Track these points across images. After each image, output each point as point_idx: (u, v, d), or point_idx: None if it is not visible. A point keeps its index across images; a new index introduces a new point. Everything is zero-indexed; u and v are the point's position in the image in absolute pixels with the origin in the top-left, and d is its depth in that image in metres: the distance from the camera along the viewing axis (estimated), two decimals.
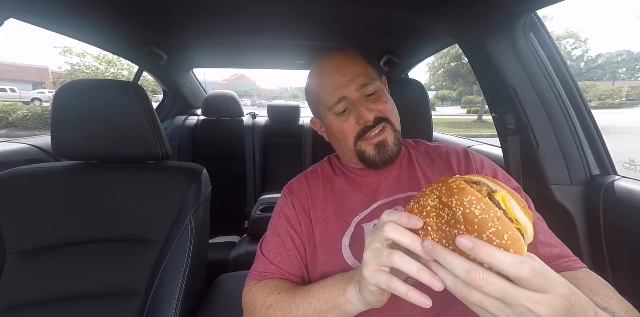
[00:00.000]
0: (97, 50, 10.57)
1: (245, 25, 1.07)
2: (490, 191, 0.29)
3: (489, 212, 0.26)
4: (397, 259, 0.32)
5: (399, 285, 0.33)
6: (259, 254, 0.57)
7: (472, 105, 21.01)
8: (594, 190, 0.73)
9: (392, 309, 0.48)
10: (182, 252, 0.70)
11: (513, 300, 0.25)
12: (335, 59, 0.59)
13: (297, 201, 0.60)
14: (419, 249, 0.31)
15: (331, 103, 0.57)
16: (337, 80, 0.56)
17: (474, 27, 0.80)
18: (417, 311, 0.47)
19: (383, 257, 0.33)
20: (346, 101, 0.56)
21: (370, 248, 0.35)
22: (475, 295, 0.27)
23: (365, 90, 0.56)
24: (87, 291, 0.68)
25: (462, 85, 16.85)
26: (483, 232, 0.26)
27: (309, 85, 0.62)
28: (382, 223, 0.35)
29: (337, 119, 0.58)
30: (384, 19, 0.96)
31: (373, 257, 0.34)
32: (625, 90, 25.51)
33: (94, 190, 0.74)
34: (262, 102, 32.20)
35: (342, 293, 0.41)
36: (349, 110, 0.57)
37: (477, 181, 0.30)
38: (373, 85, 0.57)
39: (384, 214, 0.35)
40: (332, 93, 0.56)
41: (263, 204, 1.35)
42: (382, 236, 0.33)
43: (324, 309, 0.43)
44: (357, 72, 0.57)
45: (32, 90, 18.50)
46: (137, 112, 0.74)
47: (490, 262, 0.25)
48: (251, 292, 0.52)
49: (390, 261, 0.32)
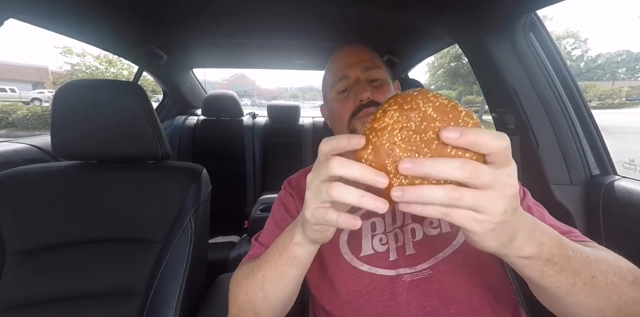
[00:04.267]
0: (97, 50, 10.52)
1: (245, 26, 1.07)
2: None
3: (453, 100, 0.28)
4: (335, 191, 0.29)
5: (331, 213, 0.30)
6: (253, 243, 0.57)
7: (472, 105, 20.99)
8: (594, 190, 0.73)
9: (389, 305, 0.48)
10: (182, 252, 0.70)
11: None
12: (348, 48, 0.62)
13: (297, 192, 0.61)
14: (371, 178, 0.27)
15: (334, 81, 0.59)
16: (344, 62, 0.59)
17: (474, 27, 0.80)
18: (412, 307, 0.47)
19: (322, 193, 0.30)
20: (348, 81, 0.58)
21: (311, 186, 0.32)
22: (456, 211, 0.26)
23: (369, 75, 0.57)
24: (87, 291, 0.68)
25: (462, 85, 16.83)
26: (458, 117, 0.27)
27: (323, 74, 0.66)
28: (323, 156, 0.31)
29: (338, 97, 0.59)
30: (384, 19, 0.96)
31: (314, 195, 0.32)
32: (625, 90, 25.50)
33: (93, 190, 0.74)
34: (262, 102, 32.22)
35: (289, 240, 0.40)
36: (349, 90, 0.58)
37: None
38: (378, 72, 0.58)
39: (322, 142, 0.31)
40: (336, 72, 0.59)
41: (263, 204, 1.35)
42: (326, 173, 0.29)
43: (279, 263, 0.42)
44: (364, 57, 0.59)
45: (32, 90, 18.51)
46: (137, 112, 0.74)
47: (480, 144, 0.25)
48: (235, 273, 0.52)
49: (329, 195, 0.29)
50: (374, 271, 0.51)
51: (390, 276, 0.50)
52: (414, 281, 0.49)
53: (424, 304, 0.47)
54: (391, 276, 0.50)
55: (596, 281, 0.32)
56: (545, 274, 0.31)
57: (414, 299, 0.48)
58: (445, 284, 0.48)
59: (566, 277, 0.31)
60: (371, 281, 0.50)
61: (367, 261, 0.51)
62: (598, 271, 0.32)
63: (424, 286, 0.49)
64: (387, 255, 0.52)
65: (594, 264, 0.33)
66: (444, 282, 0.48)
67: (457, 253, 0.50)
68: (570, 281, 0.31)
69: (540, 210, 0.53)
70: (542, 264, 0.30)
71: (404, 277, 0.49)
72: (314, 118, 2.13)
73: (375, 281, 0.50)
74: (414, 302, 0.47)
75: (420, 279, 0.49)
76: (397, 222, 0.55)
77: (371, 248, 0.53)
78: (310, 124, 2.04)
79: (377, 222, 0.55)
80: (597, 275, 0.32)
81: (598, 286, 0.32)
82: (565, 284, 0.31)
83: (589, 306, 0.32)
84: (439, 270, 0.49)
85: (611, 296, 0.32)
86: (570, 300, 0.32)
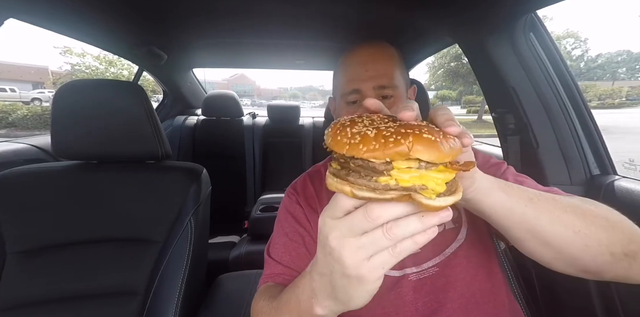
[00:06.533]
0: (97, 50, 10.57)
1: (245, 26, 1.07)
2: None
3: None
4: (398, 231, 0.25)
5: (398, 247, 0.26)
6: (267, 259, 0.55)
7: (472, 105, 20.99)
8: (594, 190, 0.73)
9: (396, 304, 0.48)
10: (182, 252, 0.70)
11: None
12: (368, 50, 0.59)
13: (304, 199, 0.59)
14: (440, 218, 0.26)
15: (345, 91, 0.58)
16: (358, 73, 0.57)
17: (474, 28, 0.80)
18: (420, 305, 0.48)
19: (379, 242, 0.26)
20: (358, 95, 0.57)
21: (350, 247, 0.27)
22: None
23: (382, 92, 0.56)
24: (87, 291, 0.68)
25: (462, 85, 16.84)
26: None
27: (339, 65, 0.63)
28: (342, 211, 0.27)
29: (346, 107, 0.59)
30: (383, 19, 0.96)
31: (362, 249, 0.26)
32: (625, 90, 25.48)
33: (93, 190, 0.74)
34: (262, 102, 32.20)
35: (308, 309, 0.34)
36: (358, 104, 0.57)
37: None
38: (391, 90, 0.56)
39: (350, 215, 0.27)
40: (349, 83, 0.58)
41: (263, 204, 1.35)
42: (367, 225, 0.26)
43: None
44: (381, 72, 0.56)
45: (32, 90, 18.49)
46: (137, 112, 0.74)
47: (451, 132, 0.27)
48: (255, 298, 0.51)
49: (392, 238, 0.25)
50: None
51: (397, 277, 0.50)
52: (421, 280, 0.49)
53: (430, 302, 0.48)
54: (397, 276, 0.50)
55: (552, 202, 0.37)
56: (507, 193, 0.36)
57: (420, 297, 0.48)
58: (451, 279, 0.49)
59: (523, 197, 0.37)
60: None
61: None
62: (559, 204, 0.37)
63: (430, 283, 0.49)
64: None
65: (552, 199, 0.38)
66: (450, 277, 0.49)
67: (463, 247, 0.51)
68: (528, 196, 0.37)
69: (520, 178, 0.54)
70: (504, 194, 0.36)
71: (410, 277, 0.50)
72: (314, 118, 2.13)
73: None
74: (420, 300, 0.48)
75: (427, 277, 0.49)
76: None
77: None
78: (310, 124, 2.04)
79: None
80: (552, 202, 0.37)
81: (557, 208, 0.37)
82: (525, 199, 0.36)
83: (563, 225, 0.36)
84: (445, 266, 0.50)
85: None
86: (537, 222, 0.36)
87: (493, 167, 0.56)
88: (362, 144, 0.24)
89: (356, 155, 0.24)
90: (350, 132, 0.25)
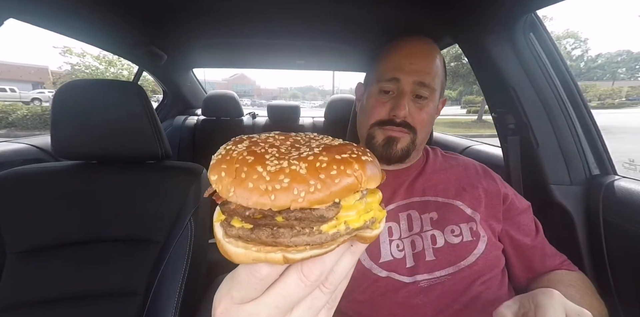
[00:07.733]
0: (97, 50, 10.58)
1: (246, 26, 1.07)
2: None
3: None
4: (339, 275, 0.21)
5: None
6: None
7: (472, 105, 20.99)
8: (594, 190, 0.73)
9: (403, 306, 0.48)
10: (182, 252, 0.70)
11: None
12: (418, 45, 0.57)
13: None
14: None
15: (384, 78, 0.56)
16: (403, 63, 0.55)
17: (474, 28, 0.80)
18: (428, 310, 0.48)
19: (319, 299, 0.20)
20: (396, 85, 0.55)
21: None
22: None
23: (419, 90, 0.55)
24: (87, 291, 0.68)
25: (462, 85, 16.83)
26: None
27: (385, 50, 0.61)
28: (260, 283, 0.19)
29: (378, 95, 0.57)
30: (383, 19, 0.96)
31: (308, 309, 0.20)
32: (625, 90, 25.48)
33: (93, 190, 0.74)
34: (262, 102, 32.21)
35: None
36: (392, 94, 0.56)
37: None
38: (428, 90, 0.55)
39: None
40: (390, 70, 0.56)
41: None
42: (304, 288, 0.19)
43: None
44: (427, 70, 0.55)
45: (32, 90, 18.51)
46: (137, 112, 0.74)
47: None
48: None
49: (336, 283, 0.21)
50: (392, 276, 0.51)
51: (407, 282, 0.50)
52: (431, 286, 0.50)
53: (439, 307, 0.48)
54: (408, 282, 0.50)
55: None
56: None
57: (429, 302, 0.48)
58: (462, 287, 0.49)
59: None
60: (387, 284, 0.50)
61: (387, 268, 0.51)
62: None
63: (441, 289, 0.49)
64: (404, 262, 0.52)
65: None
66: (461, 285, 0.49)
67: (478, 261, 0.51)
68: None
69: (542, 235, 0.56)
70: None
71: (420, 283, 0.50)
72: (314, 118, 2.13)
73: (391, 284, 0.50)
74: (429, 305, 0.48)
75: (438, 284, 0.50)
76: (413, 228, 0.54)
77: (390, 254, 0.52)
78: (310, 124, 2.04)
79: (393, 227, 0.55)
80: None
81: None
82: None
83: None
84: (457, 276, 0.50)
85: None
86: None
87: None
88: (296, 187, 0.17)
89: (293, 207, 0.17)
90: (265, 172, 0.18)
